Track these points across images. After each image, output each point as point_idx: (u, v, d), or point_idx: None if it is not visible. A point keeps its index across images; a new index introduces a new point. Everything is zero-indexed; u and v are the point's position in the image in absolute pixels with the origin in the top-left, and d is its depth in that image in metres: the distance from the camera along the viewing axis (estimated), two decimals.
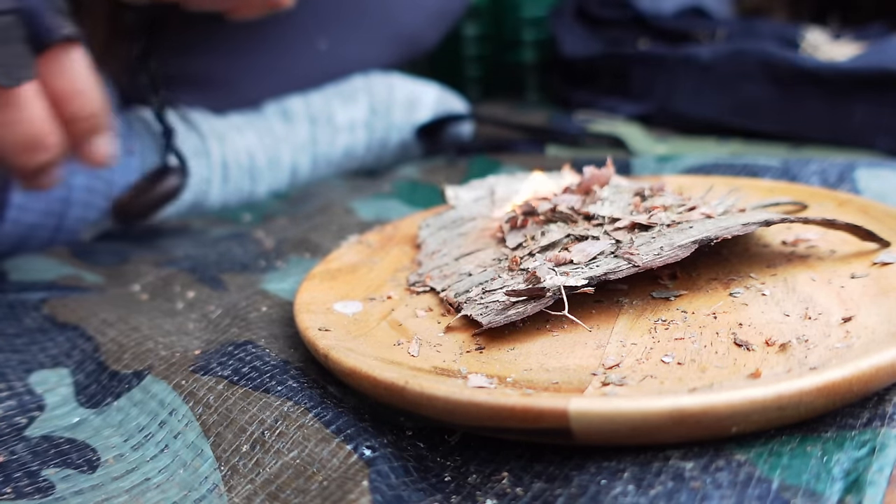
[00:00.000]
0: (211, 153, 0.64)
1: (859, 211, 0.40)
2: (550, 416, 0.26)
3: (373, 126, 0.73)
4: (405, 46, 0.78)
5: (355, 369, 0.31)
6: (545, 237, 0.38)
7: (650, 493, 0.25)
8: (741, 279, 0.36)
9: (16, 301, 0.46)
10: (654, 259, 0.33)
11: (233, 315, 0.41)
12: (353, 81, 0.73)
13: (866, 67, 0.61)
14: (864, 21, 0.81)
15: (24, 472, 0.31)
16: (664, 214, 0.37)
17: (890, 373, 0.27)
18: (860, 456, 0.25)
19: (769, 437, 0.27)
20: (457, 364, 0.32)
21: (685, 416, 0.25)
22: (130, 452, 0.33)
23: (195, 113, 0.66)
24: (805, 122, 0.65)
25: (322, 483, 0.28)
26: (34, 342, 0.42)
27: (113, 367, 0.38)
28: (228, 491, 0.29)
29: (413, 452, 0.30)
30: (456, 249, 0.42)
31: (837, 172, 0.48)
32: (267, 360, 0.35)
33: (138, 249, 0.56)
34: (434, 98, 0.75)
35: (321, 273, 0.42)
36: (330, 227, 0.56)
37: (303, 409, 0.31)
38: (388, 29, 0.74)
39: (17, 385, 0.38)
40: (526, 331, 0.34)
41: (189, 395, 0.34)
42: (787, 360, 0.29)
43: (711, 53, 0.71)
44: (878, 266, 0.35)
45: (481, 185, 0.49)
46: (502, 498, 0.27)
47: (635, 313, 0.34)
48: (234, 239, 0.57)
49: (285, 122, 0.70)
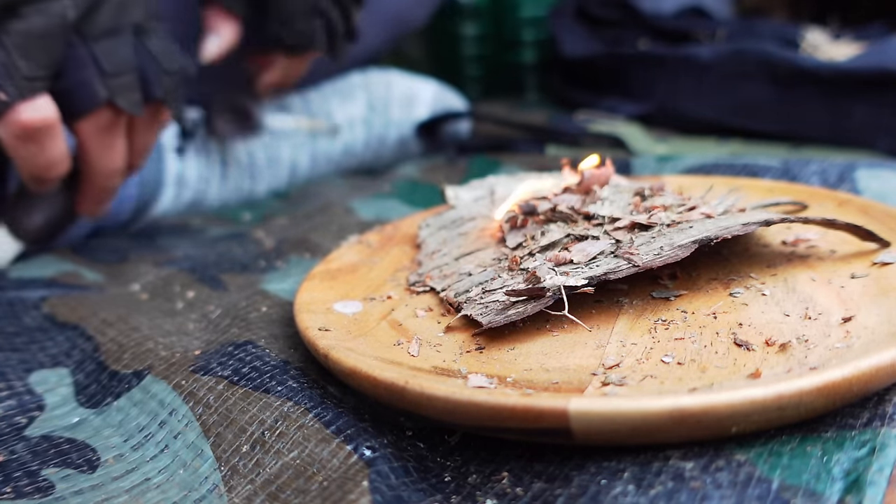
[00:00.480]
0: (210, 151, 0.64)
1: (859, 211, 0.40)
2: (550, 416, 0.26)
3: (371, 123, 0.73)
4: (394, 26, 0.78)
5: (355, 369, 0.31)
6: (545, 237, 0.38)
7: (650, 493, 0.25)
8: (741, 279, 0.36)
9: (15, 299, 0.46)
10: (653, 259, 0.33)
11: (233, 315, 0.41)
12: (351, 78, 0.73)
13: (866, 67, 0.61)
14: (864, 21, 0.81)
15: (24, 472, 0.31)
16: (664, 214, 0.37)
17: (890, 373, 0.27)
18: (860, 456, 0.25)
19: (769, 437, 0.27)
20: (457, 364, 0.32)
21: (685, 416, 0.25)
22: (130, 452, 0.33)
23: (194, 111, 0.66)
24: (805, 122, 0.65)
25: (322, 483, 0.28)
26: (34, 341, 0.42)
27: (113, 366, 0.38)
28: (228, 491, 0.29)
29: (413, 452, 0.30)
30: (456, 249, 0.42)
31: (837, 172, 0.48)
32: (267, 361, 0.35)
33: (138, 248, 0.56)
34: (432, 94, 0.75)
35: (321, 273, 0.42)
36: (330, 227, 0.56)
37: (303, 410, 0.31)
38: (376, 8, 0.74)
39: (16, 384, 0.38)
40: (526, 331, 0.34)
41: (189, 395, 0.34)
42: (787, 360, 0.29)
43: (711, 53, 0.71)
44: (878, 266, 0.35)
45: (481, 185, 0.49)
46: (502, 498, 0.27)
47: (635, 313, 0.34)
48: (234, 239, 0.57)
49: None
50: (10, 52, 0.42)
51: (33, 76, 0.43)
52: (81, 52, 0.45)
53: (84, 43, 0.45)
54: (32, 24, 0.43)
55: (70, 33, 0.45)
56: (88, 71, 0.45)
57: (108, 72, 0.46)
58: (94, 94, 0.46)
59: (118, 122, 0.48)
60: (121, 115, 0.48)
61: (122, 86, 0.46)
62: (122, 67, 0.46)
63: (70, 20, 0.44)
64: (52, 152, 0.46)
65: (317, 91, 0.72)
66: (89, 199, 0.51)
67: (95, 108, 0.46)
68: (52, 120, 0.45)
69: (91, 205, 0.51)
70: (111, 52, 0.46)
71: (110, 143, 0.48)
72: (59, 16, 0.44)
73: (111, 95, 0.46)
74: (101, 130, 0.47)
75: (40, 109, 0.44)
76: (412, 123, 0.74)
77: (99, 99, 0.46)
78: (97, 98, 0.46)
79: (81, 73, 0.45)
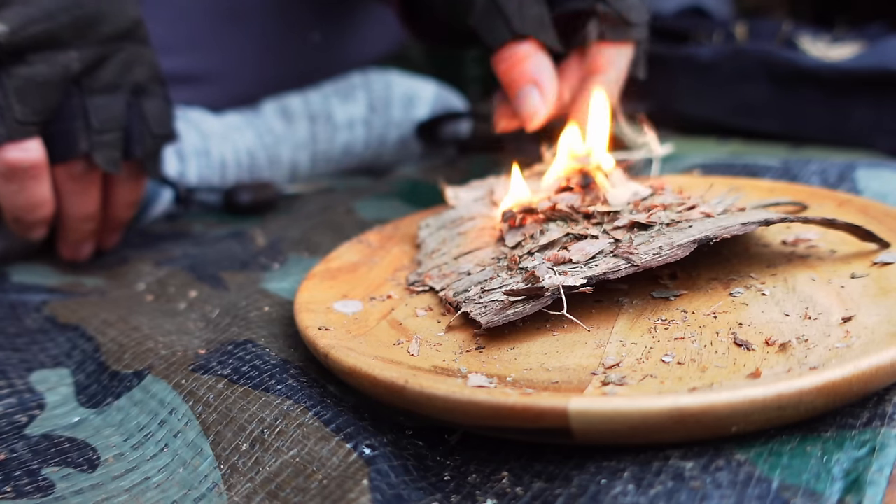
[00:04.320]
0: (211, 152, 0.64)
1: (859, 211, 0.40)
2: (550, 415, 0.26)
3: (371, 123, 0.73)
4: (396, 32, 0.78)
5: (355, 368, 0.31)
6: (544, 236, 0.38)
7: (650, 493, 0.25)
8: (741, 279, 0.36)
9: (17, 301, 0.46)
10: (653, 259, 0.33)
11: (233, 314, 0.41)
12: (352, 79, 0.73)
13: (866, 67, 0.61)
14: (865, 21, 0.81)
15: (24, 471, 0.31)
16: (663, 213, 0.37)
17: (890, 373, 0.27)
18: (860, 456, 0.25)
19: (769, 437, 0.27)
20: (457, 363, 0.32)
21: (685, 415, 0.25)
22: (130, 451, 0.33)
23: (194, 112, 0.66)
24: (805, 122, 0.65)
25: (322, 482, 0.28)
26: (35, 342, 0.42)
27: (113, 367, 0.38)
28: (228, 489, 0.29)
29: (413, 451, 0.30)
30: (455, 249, 0.42)
31: (837, 172, 0.48)
32: (267, 360, 0.35)
33: (137, 249, 0.56)
34: (432, 94, 0.75)
35: (321, 272, 0.42)
36: (330, 226, 0.56)
37: (302, 408, 0.31)
38: (379, 14, 0.74)
39: (17, 383, 0.38)
40: (526, 330, 0.34)
41: (189, 394, 0.34)
42: (787, 359, 0.29)
43: (711, 53, 0.71)
44: (878, 266, 0.35)
45: (481, 185, 0.49)
46: (502, 497, 0.27)
47: (635, 313, 0.34)
48: (234, 238, 0.57)
49: (284, 120, 0.70)
50: (8, 94, 0.44)
51: (26, 121, 0.45)
52: (75, 103, 0.47)
53: (80, 94, 0.47)
54: (36, 71, 0.44)
55: (69, 84, 0.46)
56: (76, 123, 0.47)
57: (94, 127, 0.47)
58: (74, 146, 0.47)
59: (93, 174, 0.49)
60: (96, 168, 0.48)
61: (103, 142, 0.47)
62: (109, 125, 0.47)
63: (73, 73, 0.46)
64: (34, 194, 0.47)
65: (317, 91, 0.72)
66: (66, 241, 0.52)
67: (72, 159, 0.47)
68: (37, 162, 0.46)
69: (68, 248, 0.52)
70: (102, 108, 0.47)
71: (83, 191, 0.49)
72: (63, 67, 0.45)
73: (90, 149, 0.47)
74: (74, 178, 0.48)
75: (28, 151, 0.45)
76: (412, 123, 0.74)
77: (78, 151, 0.47)
78: (76, 150, 0.47)
79: (69, 123, 0.46)
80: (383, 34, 0.80)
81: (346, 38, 0.74)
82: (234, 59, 0.68)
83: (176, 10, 0.64)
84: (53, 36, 0.45)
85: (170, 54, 0.58)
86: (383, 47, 0.80)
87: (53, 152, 0.47)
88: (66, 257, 0.53)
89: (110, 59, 0.47)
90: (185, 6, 0.65)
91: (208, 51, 0.67)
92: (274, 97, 0.71)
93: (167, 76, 0.52)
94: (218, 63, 0.67)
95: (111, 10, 0.47)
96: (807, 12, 1.11)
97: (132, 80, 0.49)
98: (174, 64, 0.63)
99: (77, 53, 0.46)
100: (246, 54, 0.68)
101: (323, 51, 0.72)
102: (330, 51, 0.73)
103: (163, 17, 0.57)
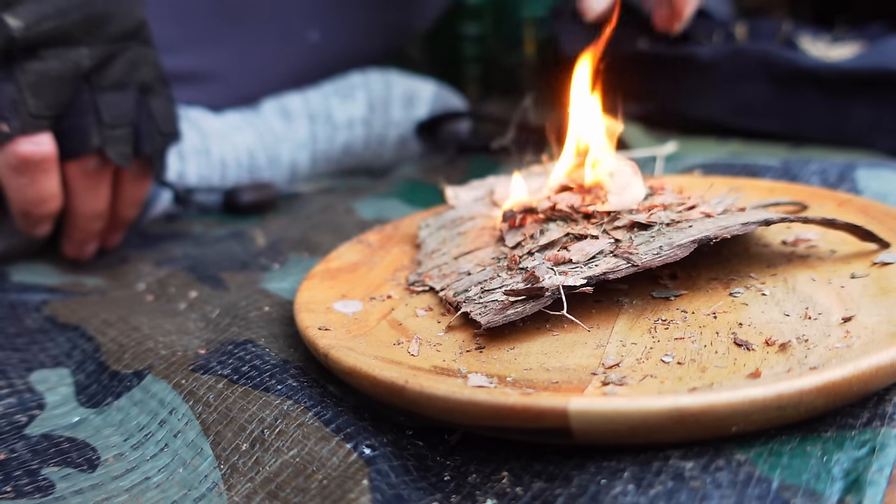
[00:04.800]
0: (211, 151, 0.64)
1: (859, 211, 0.40)
2: (550, 415, 0.26)
3: (371, 123, 0.73)
4: (397, 30, 0.78)
5: (355, 368, 0.31)
6: (544, 236, 0.38)
7: (650, 493, 0.25)
8: (741, 279, 0.36)
9: (17, 301, 0.46)
10: (653, 259, 0.33)
11: (233, 314, 0.41)
12: (351, 78, 0.73)
13: (866, 67, 0.61)
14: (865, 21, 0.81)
15: (24, 471, 0.31)
16: (664, 213, 0.37)
17: (890, 373, 0.27)
18: (860, 456, 0.25)
19: (769, 437, 0.27)
20: (457, 363, 0.32)
21: (685, 415, 0.25)
22: (130, 451, 0.33)
23: (194, 111, 0.66)
24: (805, 122, 0.65)
25: (322, 482, 0.28)
26: (35, 342, 0.42)
27: (113, 367, 0.38)
28: (228, 489, 0.29)
29: (413, 451, 0.30)
30: (455, 249, 0.42)
31: (837, 172, 0.48)
32: (267, 359, 0.35)
33: (137, 249, 0.56)
34: (432, 94, 0.75)
35: (321, 272, 0.42)
36: (330, 226, 0.56)
37: (302, 408, 0.31)
38: (379, 13, 0.74)
39: (17, 382, 0.38)
40: (526, 330, 0.34)
41: (189, 394, 0.34)
42: (787, 359, 0.29)
43: (711, 53, 0.71)
44: (878, 266, 0.35)
45: (481, 185, 0.49)
46: (502, 497, 0.27)
47: (635, 313, 0.34)
48: (234, 238, 0.57)
49: (284, 120, 0.70)
50: (22, 88, 0.45)
51: (39, 114, 0.45)
52: (86, 99, 0.47)
53: (91, 91, 0.47)
54: (49, 66, 0.45)
55: (81, 80, 0.47)
56: (88, 118, 0.47)
57: (105, 122, 0.48)
58: (87, 140, 0.47)
59: (105, 170, 0.50)
60: (108, 164, 0.49)
61: (115, 137, 0.48)
62: (119, 120, 0.48)
63: (84, 69, 0.47)
64: (44, 187, 0.47)
65: (317, 91, 0.72)
66: (72, 240, 0.52)
67: (85, 154, 0.48)
68: (48, 155, 0.46)
69: (74, 246, 0.53)
70: (113, 105, 0.48)
71: (94, 187, 0.50)
72: (75, 63, 0.46)
73: (103, 144, 0.48)
74: (86, 174, 0.49)
75: (40, 144, 0.46)
76: (412, 123, 0.74)
77: (91, 146, 0.48)
78: (89, 145, 0.48)
79: (81, 118, 0.47)
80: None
81: (347, 37, 0.74)
82: (234, 59, 0.68)
83: (176, 10, 0.64)
84: (65, 33, 0.45)
85: (170, 53, 0.58)
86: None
87: (67, 148, 0.47)
88: (70, 256, 0.53)
89: (118, 57, 0.48)
90: (185, 6, 0.65)
91: (208, 50, 0.67)
92: (274, 97, 0.71)
93: (167, 75, 0.52)
94: (218, 63, 0.67)
95: (119, 11, 0.48)
96: (807, 12, 1.11)
97: (139, 78, 0.49)
98: (174, 63, 0.63)
99: (87, 50, 0.46)
100: (246, 54, 0.68)
101: (323, 51, 0.72)
102: (328, 48, 0.73)
103: (163, 16, 0.57)
